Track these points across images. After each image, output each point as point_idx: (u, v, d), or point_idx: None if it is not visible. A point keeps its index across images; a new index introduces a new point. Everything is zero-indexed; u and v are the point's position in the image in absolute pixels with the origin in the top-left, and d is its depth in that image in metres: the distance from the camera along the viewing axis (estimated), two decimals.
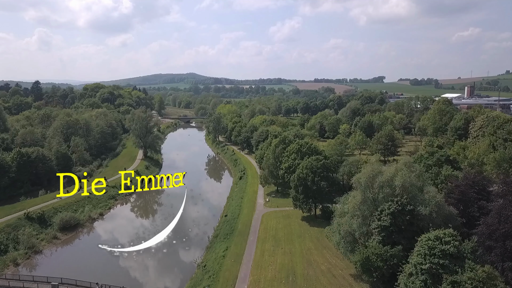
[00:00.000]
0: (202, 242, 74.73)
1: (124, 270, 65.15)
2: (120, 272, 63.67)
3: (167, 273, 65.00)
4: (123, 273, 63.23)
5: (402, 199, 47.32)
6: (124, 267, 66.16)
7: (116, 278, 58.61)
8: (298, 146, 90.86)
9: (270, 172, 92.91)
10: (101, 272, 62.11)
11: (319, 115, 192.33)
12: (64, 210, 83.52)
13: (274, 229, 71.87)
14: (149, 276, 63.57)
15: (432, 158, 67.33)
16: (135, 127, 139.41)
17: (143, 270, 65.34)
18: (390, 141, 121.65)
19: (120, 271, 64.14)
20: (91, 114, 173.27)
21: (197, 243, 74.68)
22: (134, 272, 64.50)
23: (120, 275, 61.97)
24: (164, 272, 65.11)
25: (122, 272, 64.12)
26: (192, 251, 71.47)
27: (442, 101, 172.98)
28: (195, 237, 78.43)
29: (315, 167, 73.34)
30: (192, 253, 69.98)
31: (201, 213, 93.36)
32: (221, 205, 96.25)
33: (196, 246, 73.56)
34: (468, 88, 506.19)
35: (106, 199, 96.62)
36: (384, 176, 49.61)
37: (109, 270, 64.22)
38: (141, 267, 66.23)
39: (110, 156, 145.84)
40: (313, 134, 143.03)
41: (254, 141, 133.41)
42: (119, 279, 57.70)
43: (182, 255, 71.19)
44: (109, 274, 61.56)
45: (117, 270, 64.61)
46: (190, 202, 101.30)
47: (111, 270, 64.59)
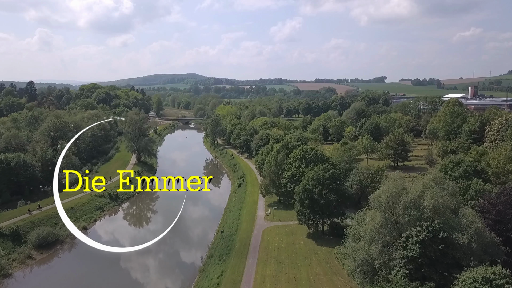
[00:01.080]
0: (194, 265, 66.28)
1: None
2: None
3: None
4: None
5: (433, 224, 38.85)
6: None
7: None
8: (302, 153, 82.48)
9: (272, 181, 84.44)
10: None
11: (322, 117, 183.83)
12: (43, 225, 75.02)
13: (277, 248, 63.39)
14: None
15: (458, 169, 58.60)
16: (128, 129, 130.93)
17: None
18: (400, 145, 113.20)
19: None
20: (83, 115, 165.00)
21: (189, 266, 66.33)
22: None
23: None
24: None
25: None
26: (184, 273, 63.11)
27: (452, 102, 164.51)
28: (188, 255, 70.16)
29: (322, 178, 64.84)
30: (183, 276, 61.63)
31: (196, 228, 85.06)
32: (217, 216, 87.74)
33: (188, 269, 65.15)
34: (471, 88, 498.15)
35: (92, 210, 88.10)
36: (409, 195, 41.13)
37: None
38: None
39: (101, 160, 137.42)
40: (316, 137, 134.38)
41: (254, 146, 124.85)
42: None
43: (173, 279, 62.83)
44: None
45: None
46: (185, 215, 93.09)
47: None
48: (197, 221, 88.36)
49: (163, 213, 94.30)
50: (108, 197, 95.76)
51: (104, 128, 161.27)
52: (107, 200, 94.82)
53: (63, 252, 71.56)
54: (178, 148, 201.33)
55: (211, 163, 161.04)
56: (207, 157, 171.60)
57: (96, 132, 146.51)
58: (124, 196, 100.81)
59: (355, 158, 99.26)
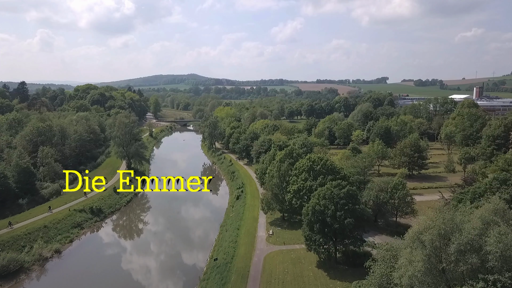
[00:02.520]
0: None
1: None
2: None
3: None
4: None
5: (503, 278, 27.84)
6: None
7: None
8: (309, 163, 71.50)
9: (274, 195, 73.39)
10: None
11: (327, 119, 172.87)
12: (8, 248, 64.21)
13: (281, 282, 52.37)
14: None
15: (506, 188, 47.02)
16: (116, 134, 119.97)
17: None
18: (416, 152, 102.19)
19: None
20: (71, 118, 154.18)
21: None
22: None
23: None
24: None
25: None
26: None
27: (467, 104, 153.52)
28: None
29: (336, 197, 53.81)
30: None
31: (186, 251, 73.98)
32: (211, 236, 76.77)
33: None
34: (477, 89, 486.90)
35: (69, 228, 77.06)
36: (464, 235, 30.09)
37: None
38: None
39: (89, 167, 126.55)
40: (322, 142, 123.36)
41: (254, 152, 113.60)
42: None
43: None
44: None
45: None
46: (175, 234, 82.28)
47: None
48: (188, 243, 76.98)
49: (152, 232, 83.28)
50: (89, 211, 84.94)
51: (94, 132, 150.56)
52: (87, 215, 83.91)
53: (29, 282, 60.51)
54: (174, 153, 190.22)
55: (208, 168, 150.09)
56: (205, 162, 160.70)
57: (84, 136, 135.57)
58: (108, 210, 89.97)
59: (370, 169, 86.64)
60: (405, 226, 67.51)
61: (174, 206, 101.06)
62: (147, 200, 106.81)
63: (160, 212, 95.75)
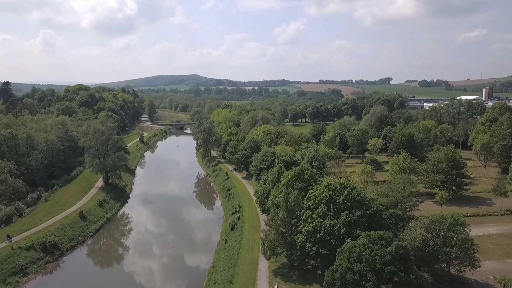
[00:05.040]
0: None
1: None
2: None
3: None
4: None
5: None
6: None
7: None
8: (329, 193, 52.08)
9: (281, 235, 53.94)
10: None
11: (337, 124, 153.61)
12: None
13: None
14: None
15: None
16: (90, 144, 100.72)
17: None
18: (454, 168, 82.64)
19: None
20: (46, 123, 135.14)
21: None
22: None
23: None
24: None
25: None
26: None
27: (498, 107, 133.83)
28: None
29: (379, 261, 34.49)
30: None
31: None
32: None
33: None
34: (486, 90, 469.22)
35: (7, 274, 57.81)
36: None
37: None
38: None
39: (59, 182, 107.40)
40: (336, 153, 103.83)
41: (254, 168, 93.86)
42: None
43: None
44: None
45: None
46: (155, 280, 63.13)
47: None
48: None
49: (124, 274, 64.15)
50: (40, 248, 65.61)
51: (71, 139, 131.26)
52: (37, 254, 64.59)
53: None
54: (165, 162, 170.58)
55: (202, 181, 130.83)
56: (199, 172, 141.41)
57: (56, 145, 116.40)
58: (68, 245, 70.59)
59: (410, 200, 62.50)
60: (461, 281, 48.71)
61: (155, 235, 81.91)
62: (123, 226, 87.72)
63: (136, 246, 76.45)
